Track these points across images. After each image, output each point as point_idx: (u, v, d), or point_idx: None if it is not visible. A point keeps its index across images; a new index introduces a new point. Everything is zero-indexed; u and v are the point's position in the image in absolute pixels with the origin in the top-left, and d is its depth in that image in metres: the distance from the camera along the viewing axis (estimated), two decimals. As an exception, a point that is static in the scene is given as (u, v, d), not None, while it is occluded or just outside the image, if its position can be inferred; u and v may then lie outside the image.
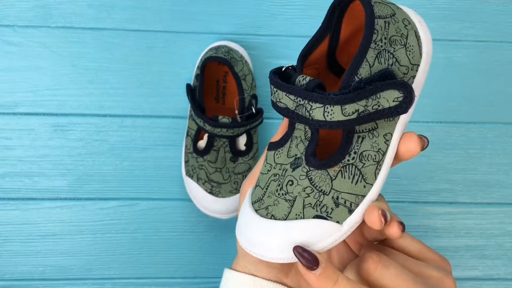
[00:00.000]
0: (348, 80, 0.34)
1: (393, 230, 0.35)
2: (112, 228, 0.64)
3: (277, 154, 0.37)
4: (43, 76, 0.64)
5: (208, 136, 0.59)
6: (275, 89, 0.35)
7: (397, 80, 0.35)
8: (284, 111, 0.35)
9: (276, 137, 0.40)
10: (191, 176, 0.61)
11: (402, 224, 0.36)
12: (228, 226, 0.65)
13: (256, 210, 0.36)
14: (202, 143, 0.60)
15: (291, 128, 0.37)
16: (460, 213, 0.67)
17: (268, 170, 0.37)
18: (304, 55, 0.39)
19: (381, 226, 0.35)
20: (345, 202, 0.35)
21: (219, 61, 0.59)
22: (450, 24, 0.68)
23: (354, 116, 0.34)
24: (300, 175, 0.35)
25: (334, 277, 0.33)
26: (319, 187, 0.35)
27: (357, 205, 0.35)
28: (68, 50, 0.64)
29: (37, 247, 0.63)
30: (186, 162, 0.61)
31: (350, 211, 0.35)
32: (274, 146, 0.38)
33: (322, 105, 0.33)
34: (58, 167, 0.64)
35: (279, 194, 0.35)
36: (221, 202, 0.60)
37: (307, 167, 0.35)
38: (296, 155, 0.36)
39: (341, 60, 0.42)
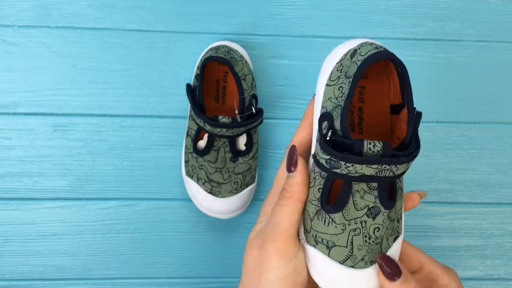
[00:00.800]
0: (411, 133, 0.40)
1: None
2: (112, 228, 0.64)
3: (345, 213, 0.39)
4: (43, 76, 0.64)
5: (208, 136, 0.59)
6: (349, 165, 0.37)
7: None
8: (358, 179, 0.38)
9: (299, 192, 0.40)
10: (191, 176, 0.61)
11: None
12: (228, 226, 0.65)
13: (352, 266, 0.38)
14: (202, 143, 0.60)
15: (347, 187, 0.39)
16: (460, 213, 0.67)
17: (342, 229, 0.39)
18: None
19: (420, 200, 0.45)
20: (400, 215, 0.41)
21: (219, 61, 0.59)
22: (450, 24, 0.68)
23: None
24: (384, 219, 0.39)
25: (412, 285, 0.38)
26: (393, 219, 0.40)
27: (402, 211, 0.42)
28: (68, 50, 0.64)
29: (37, 247, 0.63)
30: (186, 162, 0.61)
31: (401, 220, 0.41)
32: (337, 208, 0.39)
33: (407, 163, 0.38)
34: (58, 167, 0.64)
35: (369, 243, 0.39)
36: (221, 202, 0.60)
37: (386, 211, 0.39)
38: (367, 205, 0.39)
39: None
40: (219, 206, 0.60)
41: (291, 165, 0.40)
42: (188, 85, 0.61)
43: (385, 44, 0.67)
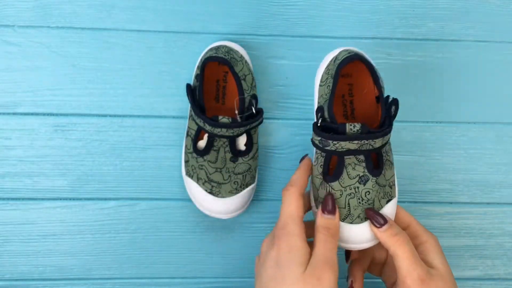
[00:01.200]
0: (384, 115, 0.51)
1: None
2: (112, 228, 0.64)
3: (341, 181, 0.50)
4: (43, 76, 0.64)
5: (208, 136, 0.59)
6: (335, 142, 0.48)
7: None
8: (345, 153, 0.49)
9: (338, 231, 0.50)
10: (191, 176, 0.61)
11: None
12: (228, 226, 0.65)
13: (351, 223, 0.50)
14: (202, 143, 0.60)
15: (340, 161, 0.50)
16: (460, 213, 0.67)
17: (340, 194, 0.50)
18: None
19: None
20: (392, 182, 0.52)
21: (219, 61, 0.59)
22: (450, 24, 0.68)
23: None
24: (372, 185, 0.50)
25: (395, 230, 0.48)
26: (383, 185, 0.50)
27: (395, 180, 0.53)
28: (68, 50, 0.64)
29: (37, 247, 0.63)
30: (186, 162, 0.61)
31: (394, 186, 0.52)
32: (334, 178, 0.50)
33: (382, 138, 0.49)
34: (58, 167, 0.64)
35: (362, 204, 0.49)
36: (221, 202, 0.59)
37: (374, 178, 0.50)
38: (358, 174, 0.49)
39: None
40: (219, 206, 0.60)
41: (325, 210, 0.49)
42: (188, 85, 0.61)
43: (385, 44, 0.68)
